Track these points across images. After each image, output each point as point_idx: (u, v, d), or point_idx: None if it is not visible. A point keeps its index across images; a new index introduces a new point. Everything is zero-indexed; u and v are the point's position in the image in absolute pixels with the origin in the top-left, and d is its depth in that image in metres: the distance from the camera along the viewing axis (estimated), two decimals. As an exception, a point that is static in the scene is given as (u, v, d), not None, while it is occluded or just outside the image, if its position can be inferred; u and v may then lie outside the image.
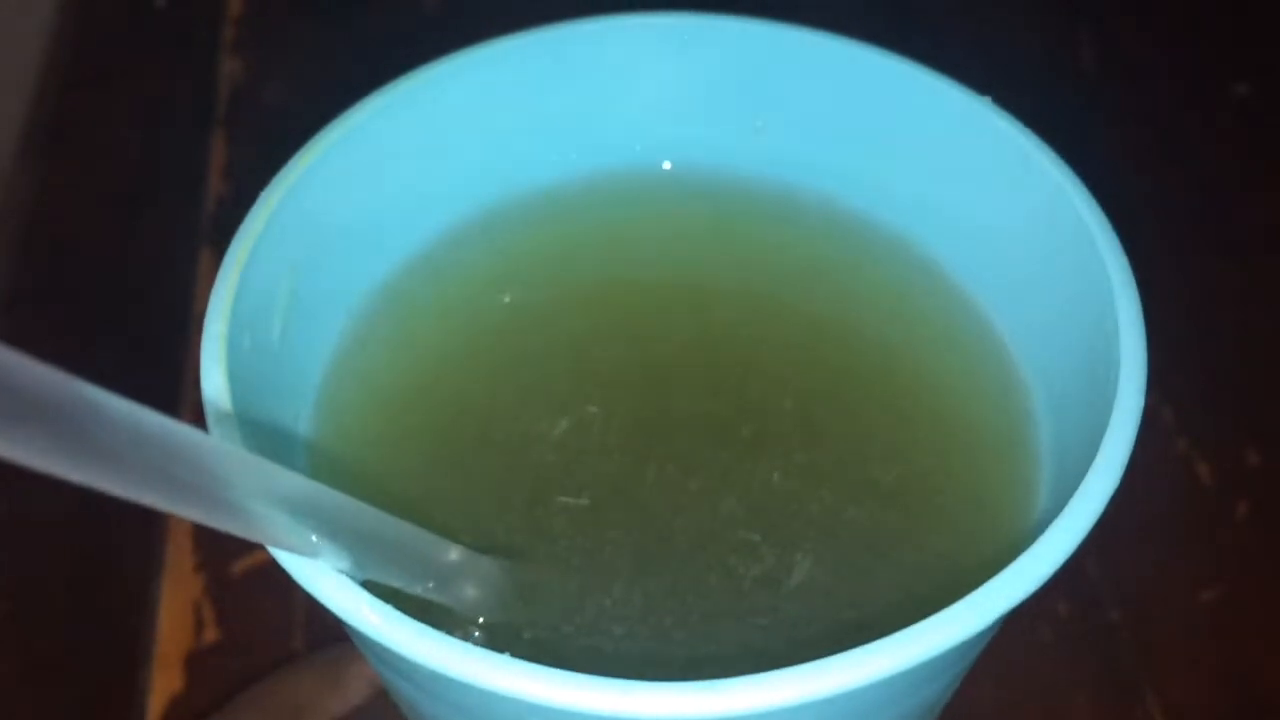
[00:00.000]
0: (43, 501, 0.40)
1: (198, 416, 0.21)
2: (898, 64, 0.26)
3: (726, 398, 0.26)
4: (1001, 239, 0.26)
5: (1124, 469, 0.19)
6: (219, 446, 0.16)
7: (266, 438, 0.23)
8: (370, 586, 0.18)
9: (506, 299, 0.28)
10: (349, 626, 0.18)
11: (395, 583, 0.20)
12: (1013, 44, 0.53)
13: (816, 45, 0.26)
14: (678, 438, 0.25)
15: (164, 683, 0.35)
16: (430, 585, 0.20)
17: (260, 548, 0.35)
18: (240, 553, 0.38)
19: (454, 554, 0.21)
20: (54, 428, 0.13)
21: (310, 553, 0.18)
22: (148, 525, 0.39)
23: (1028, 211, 0.24)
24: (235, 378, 0.21)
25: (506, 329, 0.28)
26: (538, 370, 0.27)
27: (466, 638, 0.21)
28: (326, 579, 0.18)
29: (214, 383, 0.21)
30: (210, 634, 0.36)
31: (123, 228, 0.48)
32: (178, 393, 0.41)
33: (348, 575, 0.18)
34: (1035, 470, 0.24)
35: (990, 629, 0.18)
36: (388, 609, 0.18)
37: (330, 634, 0.36)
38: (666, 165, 0.30)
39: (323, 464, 0.24)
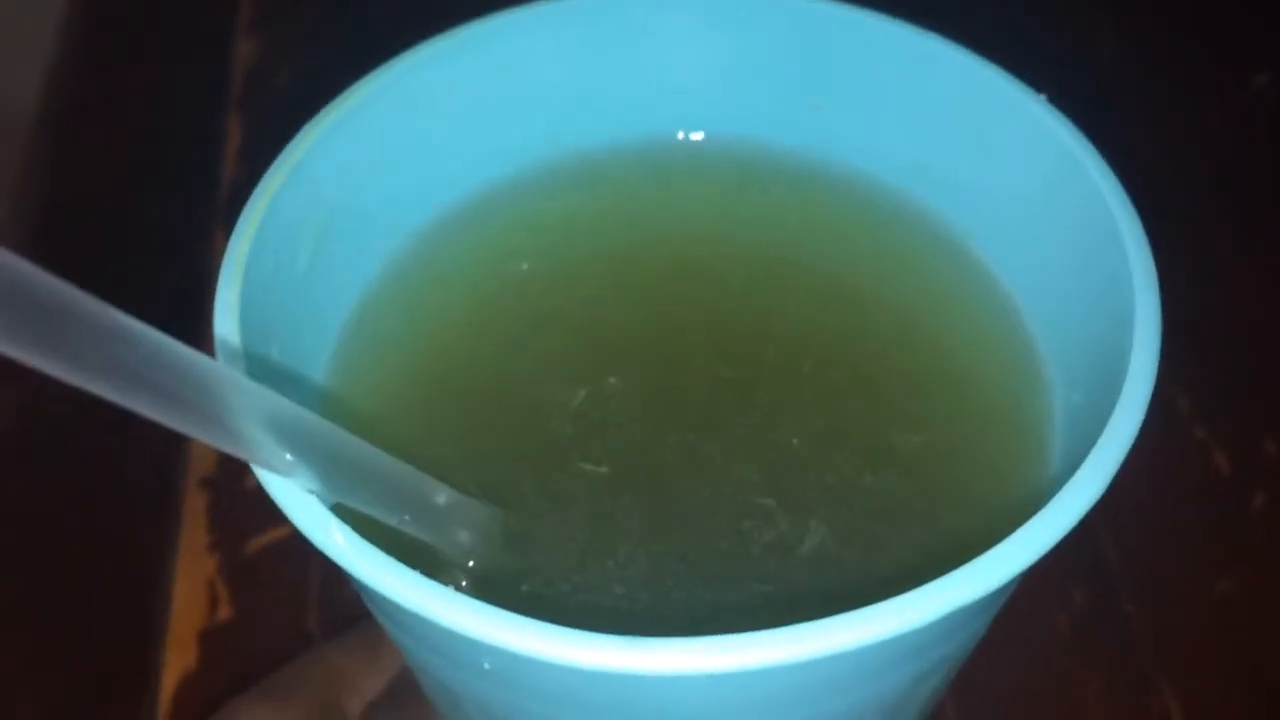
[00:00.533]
0: (58, 484, 0.40)
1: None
2: (924, 39, 0.26)
3: (745, 364, 0.26)
4: (1019, 210, 0.26)
5: (1133, 438, 0.19)
6: (194, 355, 0.16)
7: (278, 378, 0.23)
8: (370, 528, 0.18)
9: (526, 266, 0.28)
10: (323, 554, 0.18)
11: (368, 510, 0.20)
12: (1031, 32, 0.52)
13: (842, 19, 0.27)
14: (696, 405, 0.25)
15: (177, 661, 0.35)
16: (406, 518, 0.21)
17: (275, 526, 0.35)
18: (254, 531, 0.38)
19: (441, 497, 0.21)
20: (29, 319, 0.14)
21: (284, 471, 0.18)
22: (162, 503, 0.39)
23: (1045, 183, 0.24)
24: (250, 308, 0.21)
25: (526, 295, 0.28)
26: (556, 338, 0.27)
27: (453, 581, 0.22)
28: (299, 500, 0.18)
29: (226, 301, 0.21)
30: (224, 612, 0.36)
31: (137, 210, 0.48)
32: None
33: (318, 497, 0.19)
34: (1049, 440, 0.24)
35: (988, 600, 0.18)
36: (355, 535, 0.18)
37: (343, 612, 0.36)
38: (695, 136, 0.30)
39: (335, 414, 0.25)
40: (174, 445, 0.40)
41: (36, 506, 0.40)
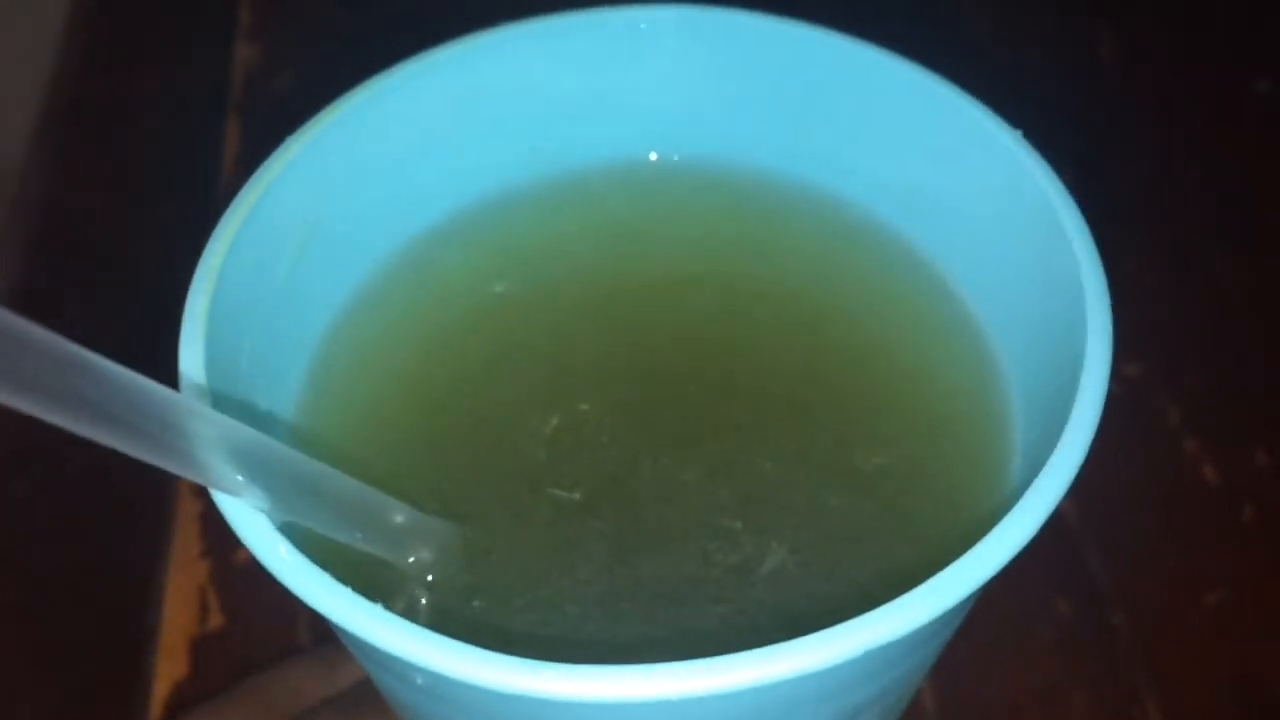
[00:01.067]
0: (51, 488, 0.41)
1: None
2: (879, 55, 0.26)
3: (718, 388, 0.26)
4: (981, 230, 0.26)
5: (1080, 461, 0.19)
6: (146, 382, 0.17)
7: (246, 392, 0.23)
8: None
9: (500, 288, 0.29)
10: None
11: (321, 528, 0.20)
12: (1032, 40, 0.52)
13: (797, 37, 0.27)
14: (669, 429, 0.26)
15: (168, 669, 0.36)
16: (359, 536, 0.21)
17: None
18: (245, 540, 0.38)
19: (400, 516, 0.22)
20: None
21: (235, 491, 0.19)
22: (154, 512, 0.39)
23: (1005, 204, 0.25)
24: (221, 318, 0.21)
25: (499, 317, 0.28)
26: (529, 362, 0.27)
27: (410, 597, 0.22)
28: (247, 518, 0.19)
29: (195, 311, 0.21)
30: (215, 620, 0.37)
31: (136, 215, 0.48)
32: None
33: (268, 515, 0.19)
34: (1009, 463, 0.24)
35: (938, 623, 0.18)
36: (296, 553, 0.18)
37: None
38: (653, 157, 0.30)
39: (305, 431, 0.25)
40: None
41: (30, 514, 0.40)
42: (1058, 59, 0.52)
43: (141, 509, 0.39)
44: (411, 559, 0.22)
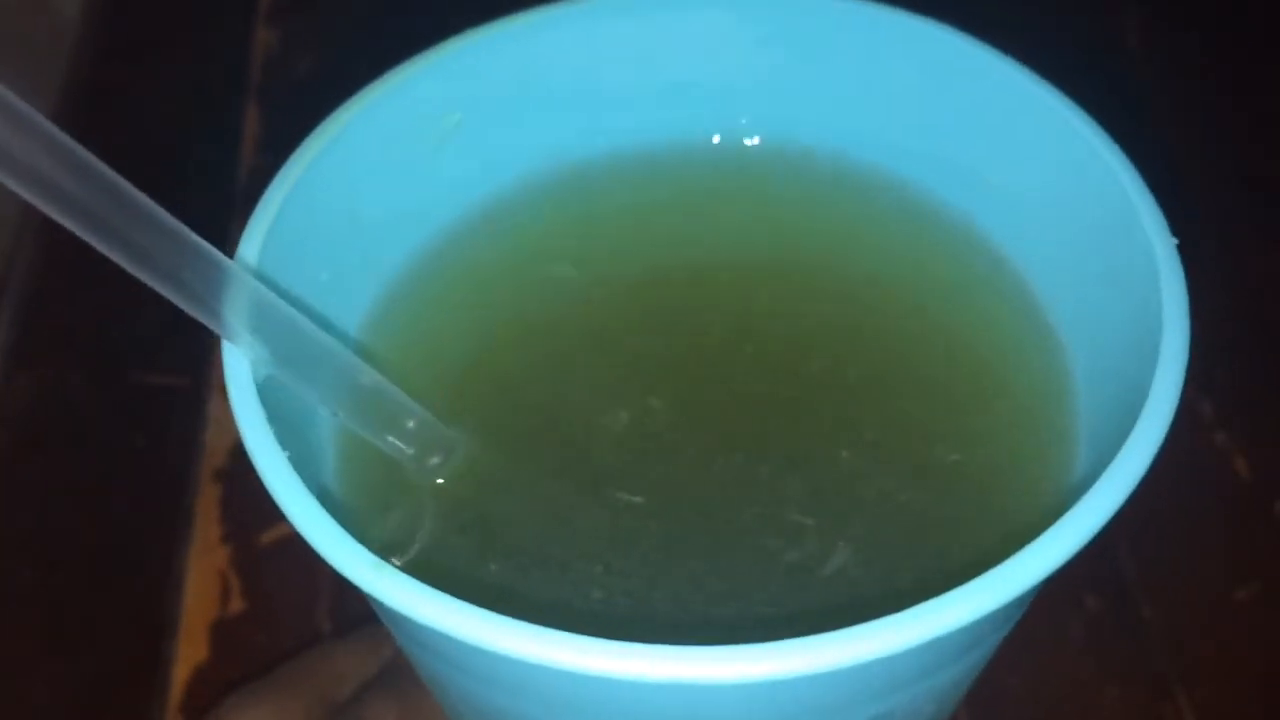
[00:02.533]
0: (72, 473, 0.40)
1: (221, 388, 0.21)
2: (953, 38, 0.26)
3: (788, 379, 0.26)
4: (1047, 211, 0.25)
5: (1154, 453, 0.19)
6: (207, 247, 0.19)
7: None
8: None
9: (558, 271, 0.28)
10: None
11: (314, 397, 0.21)
12: (1060, 28, 0.52)
13: (862, 15, 0.26)
14: (733, 419, 0.25)
15: (189, 653, 0.35)
16: (339, 415, 0.22)
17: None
18: (266, 525, 0.38)
19: (412, 421, 0.23)
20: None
21: (230, 336, 0.20)
22: (175, 496, 0.39)
23: (1072, 185, 0.24)
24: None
25: (558, 305, 0.28)
26: (593, 353, 0.27)
27: (422, 503, 0.23)
28: (279, 470, 0.19)
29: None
30: (235, 605, 0.36)
31: (154, 199, 0.48)
32: (204, 368, 0.41)
33: (266, 367, 0.20)
34: (1075, 452, 0.24)
35: (999, 616, 0.18)
36: (320, 509, 0.18)
37: (354, 606, 0.36)
38: (716, 140, 0.30)
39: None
40: (188, 436, 0.40)
41: (50, 494, 0.40)
42: (1086, 47, 0.51)
43: (162, 493, 0.39)
44: (417, 455, 0.23)
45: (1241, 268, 0.44)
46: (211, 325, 0.20)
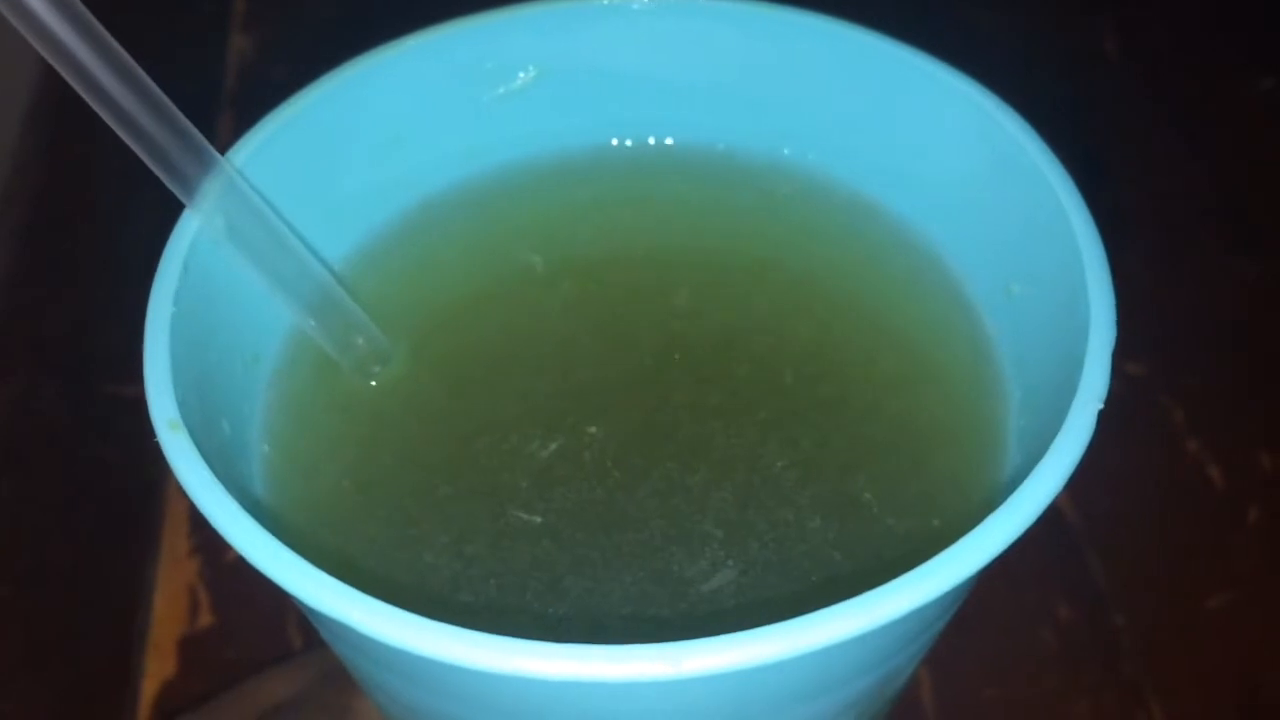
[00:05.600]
0: (43, 486, 0.40)
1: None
2: (882, 43, 0.26)
3: (722, 383, 0.26)
4: (976, 206, 0.26)
5: (1083, 447, 0.19)
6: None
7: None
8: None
9: (518, 263, 0.28)
10: None
11: (266, 282, 0.23)
12: (1036, 32, 0.52)
13: (793, 22, 0.27)
14: (677, 428, 0.25)
15: (157, 667, 0.35)
16: (311, 322, 0.24)
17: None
18: (236, 538, 0.37)
19: (361, 338, 0.25)
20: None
21: (192, 204, 0.22)
22: (144, 509, 0.39)
23: (997, 181, 0.24)
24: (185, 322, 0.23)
25: (493, 310, 0.28)
26: (528, 369, 0.27)
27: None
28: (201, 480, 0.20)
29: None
30: (204, 619, 0.36)
31: (129, 206, 0.48)
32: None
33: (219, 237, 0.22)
34: (1005, 450, 0.24)
35: (931, 610, 0.18)
36: (234, 504, 0.19)
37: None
38: (666, 141, 0.30)
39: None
40: (158, 450, 0.40)
41: (20, 509, 0.40)
42: (1063, 57, 0.51)
43: (131, 507, 0.39)
44: (351, 350, 0.25)
45: (1214, 275, 0.44)
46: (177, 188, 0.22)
